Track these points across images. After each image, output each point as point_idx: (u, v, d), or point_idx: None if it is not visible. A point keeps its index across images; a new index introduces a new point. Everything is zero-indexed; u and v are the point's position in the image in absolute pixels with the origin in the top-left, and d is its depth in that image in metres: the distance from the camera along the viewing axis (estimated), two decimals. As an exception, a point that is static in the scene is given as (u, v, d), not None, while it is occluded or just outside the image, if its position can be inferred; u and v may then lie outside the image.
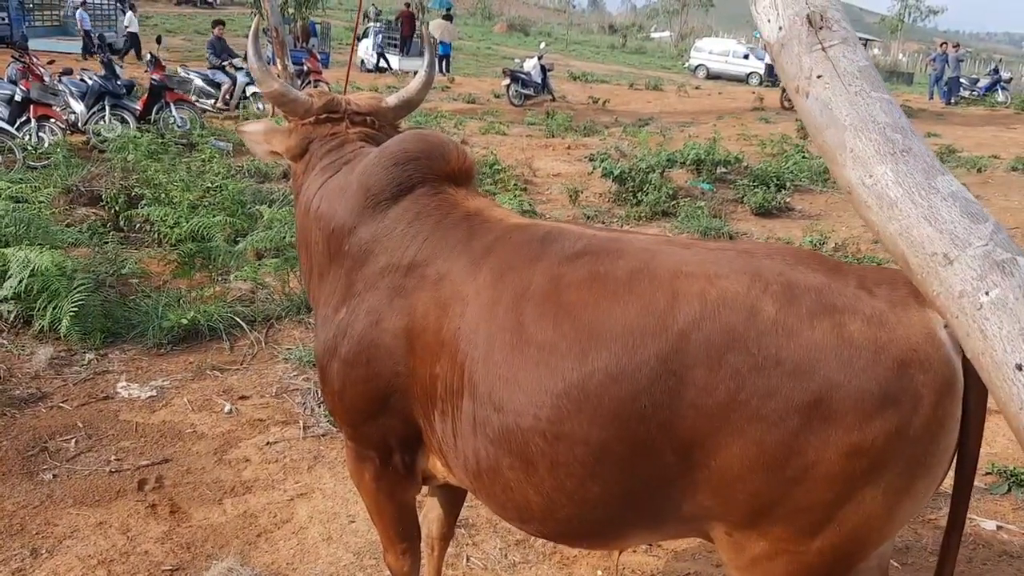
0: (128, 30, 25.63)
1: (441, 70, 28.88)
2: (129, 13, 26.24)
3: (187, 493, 3.90)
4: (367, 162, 2.40)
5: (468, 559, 3.44)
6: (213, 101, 16.79)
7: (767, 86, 31.93)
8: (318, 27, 29.61)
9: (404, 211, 2.30)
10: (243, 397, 4.90)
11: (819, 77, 1.82)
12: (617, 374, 1.84)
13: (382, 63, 29.04)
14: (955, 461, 1.88)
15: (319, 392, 4.88)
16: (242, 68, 16.92)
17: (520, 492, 2.02)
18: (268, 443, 4.38)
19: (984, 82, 28.42)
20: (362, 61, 30.07)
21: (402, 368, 2.20)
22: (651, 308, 1.86)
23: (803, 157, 13.48)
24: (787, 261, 1.92)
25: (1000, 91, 27.20)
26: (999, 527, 3.66)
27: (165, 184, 7.94)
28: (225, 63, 17.24)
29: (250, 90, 16.74)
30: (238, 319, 5.80)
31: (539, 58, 22.57)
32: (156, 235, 7.37)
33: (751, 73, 36.62)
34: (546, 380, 1.91)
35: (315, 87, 19.15)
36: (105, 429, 4.47)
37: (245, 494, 3.91)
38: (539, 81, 22.14)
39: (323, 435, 4.49)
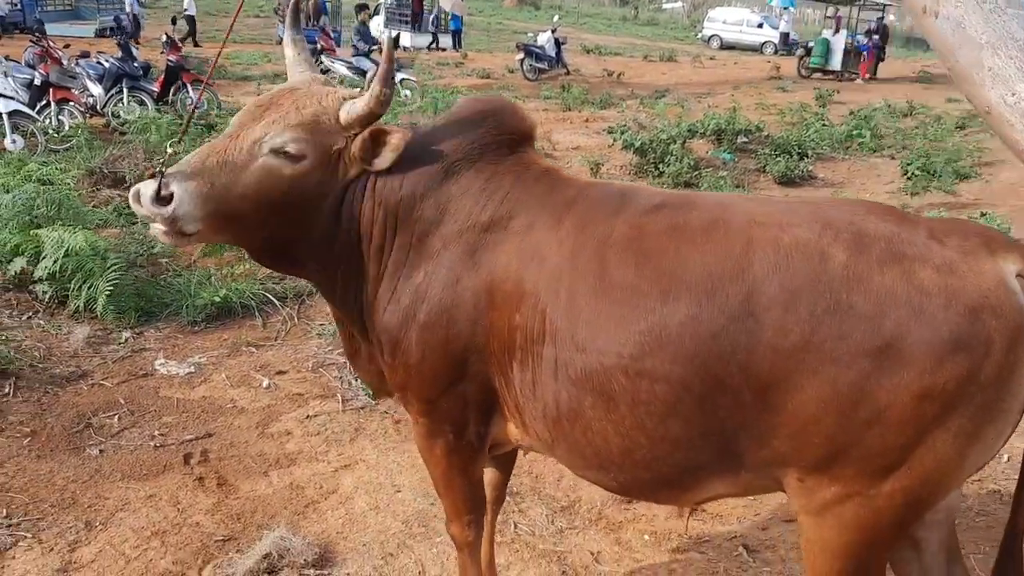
0: (186, 12, 25.71)
1: (454, 46, 28.80)
2: None
3: (233, 466, 3.95)
4: (436, 128, 2.40)
5: (516, 526, 3.47)
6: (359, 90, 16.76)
7: (782, 55, 31.65)
8: (328, 5, 29.48)
9: (480, 170, 2.31)
10: (280, 372, 4.94)
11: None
12: (697, 314, 1.90)
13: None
14: None
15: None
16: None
17: (600, 433, 2.07)
18: (308, 416, 4.42)
19: None
20: (374, 39, 30.02)
21: (481, 325, 2.21)
22: (728, 254, 1.93)
23: (823, 125, 13.42)
24: (857, 212, 1.97)
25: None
26: (995, 489, 3.65)
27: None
28: (372, 49, 16.90)
29: (398, 77, 16.66)
30: (270, 296, 5.83)
31: (553, 32, 22.46)
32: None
33: (765, 42, 36.30)
34: (629, 319, 1.97)
35: (332, 63, 19.26)
36: (147, 405, 4.52)
37: (290, 466, 3.95)
38: (553, 55, 22.04)
39: (362, 408, 4.52)
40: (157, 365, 4.96)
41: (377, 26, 30.02)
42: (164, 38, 14.84)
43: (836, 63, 23.44)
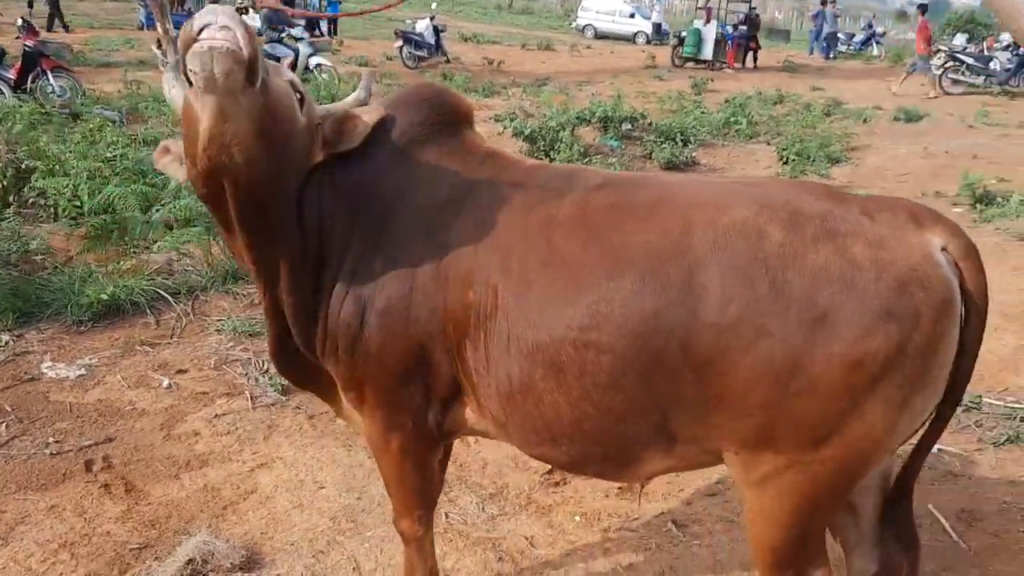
0: None
1: (330, 32, 28.13)
2: None
3: (140, 471, 3.74)
4: (381, 116, 2.33)
5: (447, 515, 3.42)
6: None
7: (655, 44, 32.43)
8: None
9: (428, 155, 2.31)
10: (180, 371, 4.71)
11: None
12: (639, 291, 1.96)
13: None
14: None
15: (261, 362, 4.77)
16: (302, 38, 15.87)
17: (552, 405, 2.10)
18: (216, 416, 4.24)
19: (860, 37, 29.72)
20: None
21: (438, 307, 2.19)
22: (669, 233, 1.98)
23: (702, 113, 13.83)
24: (793, 191, 2.05)
25: (875, 45, 28.49)
26: (940, 450, 3.88)
27: (58, 155, 7.50)
28: (283, 35, 16.08)
29: (313, 61, 15.70)
30: (162, 292, 5.55)
31: (431, 19, 22.25)
32: (53, 209, 6.96)
33: (638, 32, 37.00)
34: (575, 294, 2.03)
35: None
36: (36, 411, 4.22)
37: (202, 468, 3.78)
38: (432, 43, 21.84)
39: (272, 404, 4.37)
40: (44, 368, 4.64)
41: (251, 16, 29.14)
42: (20, 22, 13.90)
43: (708, 53, 24.17)
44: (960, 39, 26.56)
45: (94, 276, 5.67)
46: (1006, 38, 24.89)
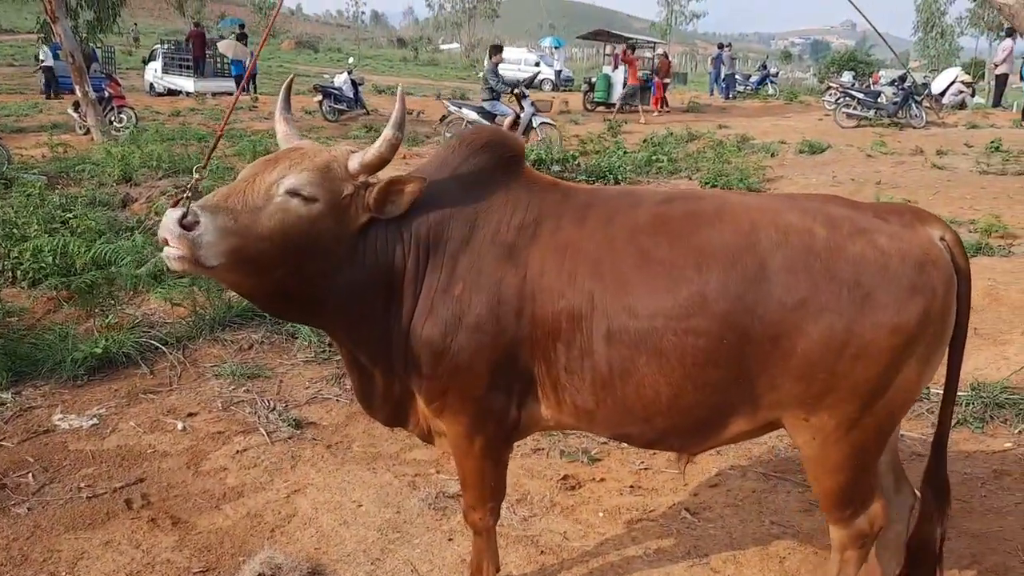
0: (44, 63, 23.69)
1: (246, 89, 28.14)
2: (44, 47, 24.04)
3: (180, 505, 3.93)
4: (443, 159, 2.69)
5: (484, 519, 3.73)
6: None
7: (563, 90, 33.54)
8: (99, 52, 28.00)
9: (496, 188, 2.64)
10: (191, 414, 4.89)
11: None
12: (725, 280, 2.38)
13: (173, 86, 27.93)
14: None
15: (268, 401, 5.00)
16: (526, 97, 15.39)
17: (652, 385, 2.47)
18: (238, 451, 4.45)
19: (756, 77, 31.47)
20: (151, 85, 28.80)
21: (525, 317, 2.53)
22: (739, 232, 2.43)
23: (624, 152, 14.55)
24: (820, 202, 2.55)
25: (770, 85, 30.20)
26: (902, 435, 4.40)
27: (13, 218, 7.56)
28: (504, 92, 15.66)
29: (536, 121, 15.29)
30: (156, 343, 5.71)
31: (349, 73, 22.66)
32: (11, 274, 7.00)
33: (544, 79, 38.26)
34: (672, 287, 2.42)
35: (120, 113, 18.36)
36: (59, 460, 4.35)
37: (240, 498, 3.99)
38: (351, 96, 22.22)
39: (289, 438, 4.60)
40: (56, 420, 4.76)
41: (155, 72, 28.90)
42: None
43: (617, 97, 25.24)
44: (847, 76, 28.43)
45: (80, 332, 5.79)
46: (885, 74, 26.82)
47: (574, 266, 2.52)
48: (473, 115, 15.43)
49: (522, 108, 15.41)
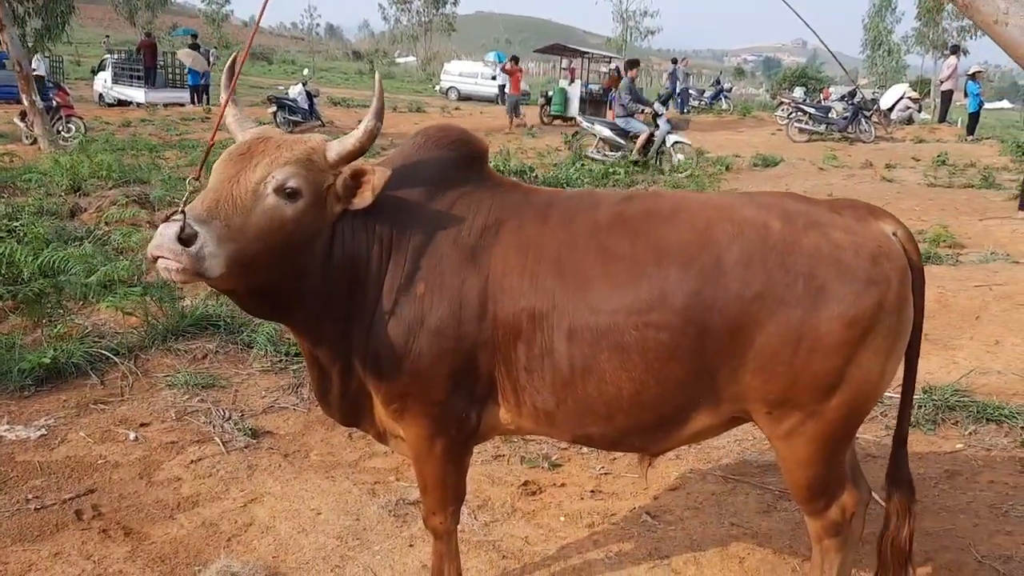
0: (35, 72, 23.06)
1: (193, 100, 27.83)
2: (37, 55, 23.32)
3: (132, 515, 3.84)
4: (407, 156, 2.66)
5: (445, 525, 3.70)
6: (620, 153, 14.96)
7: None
8: (45, 62, 27.52)
9: (458, 188, 2.63)
10: (144, 424, 4.78)
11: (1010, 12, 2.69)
12: (684, 275, 2.40)
13: (123, 96, 27.49)
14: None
15: (223, 411, 4.92)
16: (661, 115, 15.17)
17: (614, 382, 2.47)
18: (192, 461, 4.36)
19: (710, 92, 31.94)
20: (100, 95, 28.33)
21: (487, 319, 2.52)
22: (696, 229, 2.46)
23: (582, 165, 14.65)
24: (776, 198, 2.58)
25: (724, 100, 30.67)
26: (856, 438, 4.46)
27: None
28: (642, 109, 15.42)
29: (671, 139, 15.02)
30: (106, 352, 5.58)
31: (303, 84, 22.56)
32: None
33: (499, 93, 38.39)
34: (633, 283, 2.44)
35: (68, 123, 18.01)
36: (6, 472, 4.22)
37: (194, 508, 3.91)
38: (306, 107, 22.14)
39: (245, 448, 4.52)
40: (2, 431, 4.62)
41: (104, 83, 28.43)
42: None
43: (574, 111, 25.43)
44: (799, 92, 28.98)
45: (27, 343, 5.64)
46: (835, 90, 27.40)
47: (536, 265, 2.52)
48: (607, 132, 15.39)
49: (657, 126, 15.37)
